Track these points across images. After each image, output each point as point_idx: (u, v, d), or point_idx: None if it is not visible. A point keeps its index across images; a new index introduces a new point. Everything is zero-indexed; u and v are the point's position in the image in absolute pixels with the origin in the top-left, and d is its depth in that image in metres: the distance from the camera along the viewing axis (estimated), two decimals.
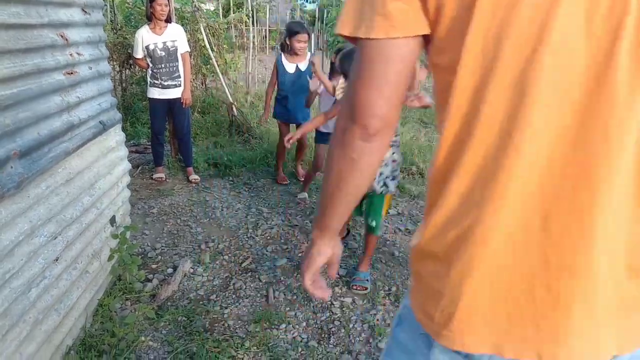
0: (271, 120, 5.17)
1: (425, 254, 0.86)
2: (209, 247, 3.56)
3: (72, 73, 2.42)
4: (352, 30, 0.79)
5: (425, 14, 0.75)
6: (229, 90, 6.70)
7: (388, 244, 3.69)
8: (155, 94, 4.65)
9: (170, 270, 3.22)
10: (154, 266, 3.27)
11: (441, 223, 0.81)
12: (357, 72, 0.80)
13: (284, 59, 4.57)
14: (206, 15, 7.07)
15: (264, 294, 2.99)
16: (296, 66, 4.55)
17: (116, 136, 3.10)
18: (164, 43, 4.52)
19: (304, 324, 2.71)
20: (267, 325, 2.67)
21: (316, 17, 12.93)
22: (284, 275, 3.20)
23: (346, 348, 2.53)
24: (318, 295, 1.13)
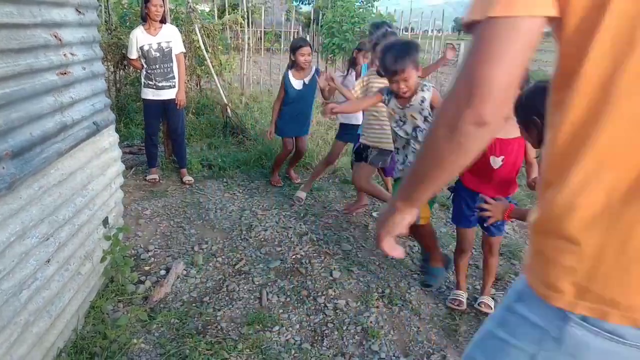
0: (265, 119, 5.17)
1: (550, 232, 0.88)
2: (202, 249, 3.54)
3: (65, 73, 2.41)
4: (483, 11, 0.79)
5: None
6: (223, 92, 6.68)
7: None
8: (149, 94, 4.64)
9: (163, 272, 3.20)
10: (146, 268, 3.26)
11: (568, 202, 0.84)
12: (481, 54, 0.79)
13: (290, 76, 4.58)
14: (201, 16, 7.05)
15: (258, 296, 2.98)
16: (302, 82, 4.58)
17: (110, 137, 3.09)
18: (159, 44, 4.51)
19: (297, 326, 2.70)
20: (260, 328, 2.66)
21: (311, 19, 12.95)
22: (277, 277, 3.20)
23: (339, 350, 2.52)
24: (395, 255, 1.23)
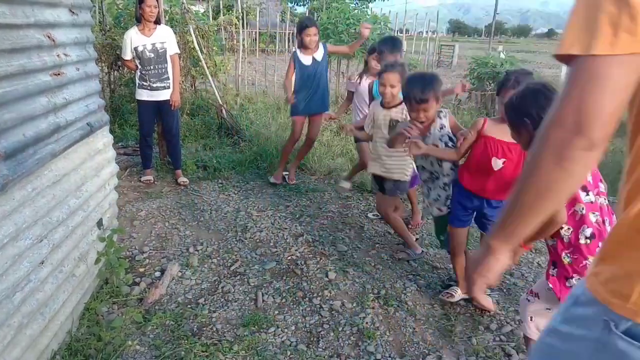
0: (260, 120, 5.16)
1: (623, 240, 0.89)
2: (197, 250, 3.53)
3: (59, 74, 2.40)
4: (584, 47, 0.82)
5: None
6: (218, 93, 6.67)
7: (377, 247, 3.69)
8: (143, 95, 4.62)
9: (158, 274, 3.19)
10: (141, 269, 3.24)
11: None
12: (589, 87, 0.83)
13: (299, 54, 4.64)
14: (196, 17, 7.03)
15: (253, 297, 2.97)
16: (312, 58, 4.61)
17: (104, 138, 3.07)
18: (153, 45, 4.49)
19: (292, 328, 2.70)
20: (255, 329, 2.65)
21: None
22: (273, 278, 3.19)
23: (335, 351, 2.52)
24: (488, 306, 1.12)
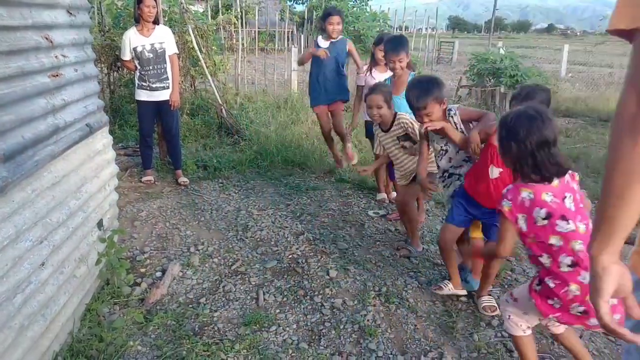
0: (260, 119, 5.16)
1: None
2: (198, 250, 3.53)
3: (57, 75, 2.40)
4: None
5: None
6: (218, 92, 6.67)
7: (378, 244, 3.69)
8: (143, 96, 4.62)
9: (159, 274, 3.19)
10: (142, 270, 3.25)
11: None
12: None
13: (320, 40, 4.68)
14: (195, 17, 7.02)
15: (254, 296, 2.97)
16: (330, 42, 4.62)
17: (103, 139, 3.08)
18: (152, 45, 4.49)
19: (294, 326, 2.70)
20: (257, 328, 2.65)
21: (305, 18, 12.94)
22: (274, 277, 3.19)
23: (337, 349, 2.52)
24: (625, 335, 0.90)
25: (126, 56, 4.56)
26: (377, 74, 4.31)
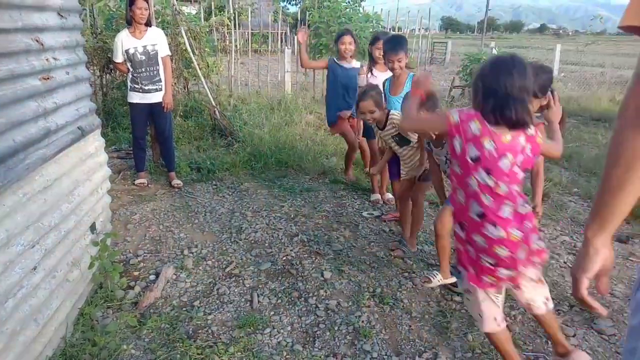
0: (254, 121, 5.12)
1: None
2: (192, 253, 3.52)
3: (48, 78, 2.38)
4: None
5: None
6: (211, 94, 6.66)
7: (372, 245, 3.69)
8: (135, 98, 4.60)
9: (152, 277, 3.17)
10: (136, 273, 3.23)
11: None
12: None
13: (336, 61, 4.69)
14: (188, 18, 7.01)
15: (248, 298, 2.96)
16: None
17: (95, 142, 3.06)
18: (144, 47, 4.48)
19: (288, 328, 2.69)
20: (251, 330, 2.65)
21: (298, 19, 12.94)
22: (268, 279, 3.18)
23: (331, 351, 2.52)
24: (597, 308, 1.04)
25: (118, 58, 4.54)
26: (377, 72, 4.31)
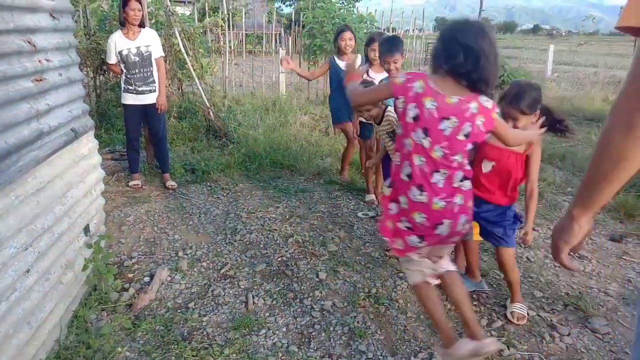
0: (248, 122, 5.11)
1: None
2: (186, 254, 3.51)
3: (40, 80, 2.37)
4: None
5: None
6: (205, 95, 6.64)
7: (367, 246, 3.69)
8: (129, 99, 4.59)
9: (147, 279, 3.16)
10: (130, 275, 3.21)
11: None
12: None
13: (336, 59, 4.73)
14: (181, 19, 6.99)
15: (244, 300, 2.96)
16: (346, 63, 4.65)
17: (89, 143, 3.05)
18: (138, 48, 4.46)
19: (284, 329, 2.69)
20: (246, 332, 2.64)
21: (293, 20, 12.95)
22: (263, 280, 3.18)
23: (327, 352, 2.52)
24: (574, 268, 1.26)
25: (112, 60, 4.53)
26: (373, 74, 4.30)
